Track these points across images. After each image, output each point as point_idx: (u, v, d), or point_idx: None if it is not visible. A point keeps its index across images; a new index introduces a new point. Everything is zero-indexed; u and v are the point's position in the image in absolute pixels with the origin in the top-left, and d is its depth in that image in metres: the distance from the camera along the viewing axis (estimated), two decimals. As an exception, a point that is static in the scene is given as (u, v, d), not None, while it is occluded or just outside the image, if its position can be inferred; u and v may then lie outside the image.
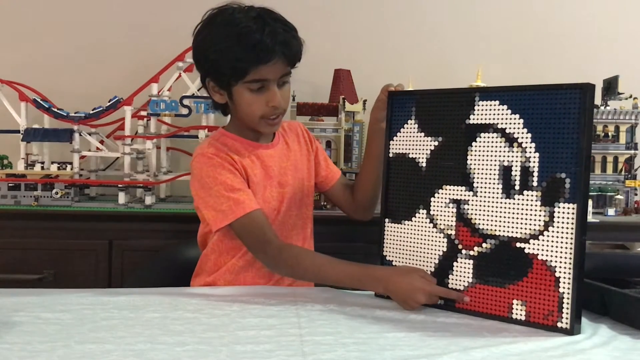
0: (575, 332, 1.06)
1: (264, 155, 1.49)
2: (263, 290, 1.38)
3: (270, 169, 1.48)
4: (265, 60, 1.34)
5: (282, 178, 1.50)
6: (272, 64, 1.36)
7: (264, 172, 1.47)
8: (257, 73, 1.36)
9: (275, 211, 1.48)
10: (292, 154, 1.55)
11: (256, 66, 1.35)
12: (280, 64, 1.37)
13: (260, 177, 1.46)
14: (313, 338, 1.02)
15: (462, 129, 1.20)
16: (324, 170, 1.62)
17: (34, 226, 1.97)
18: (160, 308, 1.18)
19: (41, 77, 2.34)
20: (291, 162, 1.54)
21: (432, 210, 1.24)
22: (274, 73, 1.38)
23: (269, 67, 1.36)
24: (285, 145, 1.55)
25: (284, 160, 1.52)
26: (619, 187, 2.19)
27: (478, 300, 1.17)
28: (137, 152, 2.14)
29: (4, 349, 0.93)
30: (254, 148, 1.48)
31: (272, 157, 1.50)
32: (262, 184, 1.46)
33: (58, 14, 2.46)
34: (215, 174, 1.39)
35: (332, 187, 1.63)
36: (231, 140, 1.47)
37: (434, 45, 2.51)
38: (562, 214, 1.07)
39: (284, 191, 1.50)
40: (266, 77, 1.37)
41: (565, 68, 2.40)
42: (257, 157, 1.48)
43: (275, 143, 1.53)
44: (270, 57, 1.34)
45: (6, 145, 2.23)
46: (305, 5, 2.41)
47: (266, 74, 1.37)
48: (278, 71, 1.38)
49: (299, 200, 1.54)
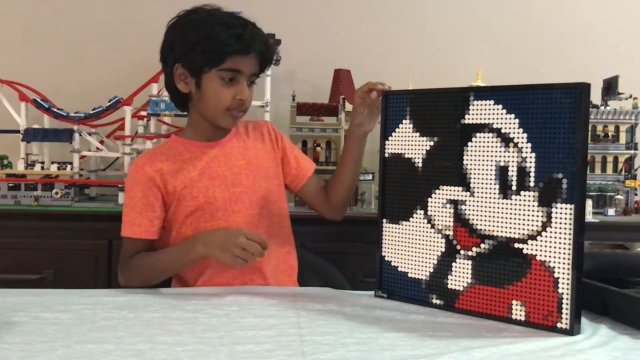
0: (575, 332, 1.06)
1: (208, 155, 1.50)
2: (263, 290, 1.38)
3: (213, 170, 1.48)
4: (244, 52, 1.41)
5: (234, 178, 1.49)
6: (248, 58, 1.43)
7: (206, 173, 1.48)
8: (233, 62, 1.42)
9: (229, 211, 1.48)
10: (250, 152, 1.54)
11: (234, 55, 1.41)
12: (255, 61, 1.45)
13: (199, 179, 1.47)
14: (313, 338, 1.02)
15: (457, 129, 1.20)
16: (294, 169, 1.61)
17: (34, 226, 1.97)
18: (160, 308, 1.18)
19: (41, 77, 2.34)
20: (246, 161, 1.52)
21: (429, 211, 1.24)
22: (248, 67, 1.44)
23: (246, 60, 1.43)
24: (242, 144, 1.54)
25: (236, 159, 1.52)
26: (619, 187, 2.19)
27: (477, 300, 1.17)
28: (137, 152, 2.14)
29: (4, 349, 0.94)
30: (198, 149, 1.50)
31: (217, 158, 1.50)
32: (202, 185, 1.47)
33: (58, 14, 2.47)
34: (131, 186, 1.47)
35: (303, 186, 1.62)
36: (175, 145, 1.51)
37: (434, 45, 2.51)
38: (560, 214, 1.07)
39: (238, 191, 1.49)
40: (240, 69, 1.43)
41: (565, 68, 2.40)
42: (200, 158, 1.49)
43: (223, 142, 1.53)
44: (249, 50, 1.42)
45: (6, 145, 2.24)
46: (305, 6, 2.41)
47: (241, 66, 1.43)
48: (252, 67, 1.45)
49: (262, 199, 1.52)
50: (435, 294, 1.23)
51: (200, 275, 1.46)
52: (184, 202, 1.45)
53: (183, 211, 1.45)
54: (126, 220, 1.46)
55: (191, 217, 1.45)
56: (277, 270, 1.52)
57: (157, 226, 1.46)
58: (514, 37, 2.50)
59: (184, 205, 1.45)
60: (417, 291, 1.25)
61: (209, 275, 1.46)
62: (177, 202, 1.45)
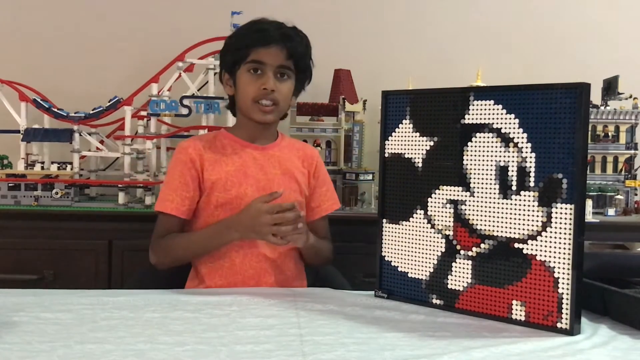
0: (575, 332, 1.06)
1: (248, 155, 1.52)
2: (263, 290, 1.39)
3: (248, 169, 1.50)
4: (263, 43, 1.47)
5: (266, 183, 1.50)
6: (270, 49, 1.47)
7: (241, 170, 1.50)
8: (256, 54, 1.48)
9: None
10: (287, 164, 1.55)
11: (256, 48, 1.48)
12: (278, 52, 1.48)
13: (234, 174, 1.49)
14: (313, 338, 1.02)
15: (457, 129, 1.20)
16: (314, 202, 1.61)
17: (34, 226, 1.97)
18: (160, 308, 1.18)
19: (41, 77, 2.34)
20: (282, 171, 1.53)
21: (429, 211, 1.24)
22: (271, 58, 1.48)
23: (267, 51, 1.48)
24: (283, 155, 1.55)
25: (272, 167, 1.53)
26: (619, 187, 2.19)
27: (477, 300, 1.17)
28: (137, 152, 2.14)
29: (4, 349, 0.94)
30: (241, 146, 1.53)
31: (256, 160, 1.52)
32: (236, 180, 1.49)
33: (58, 14, 2.46)
34: (173, 165, 1.52)
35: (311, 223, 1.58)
36: (221, 138, 1.55)
37: (434, 45, 2.51)
38: (560, 214, 1.07)
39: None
40: (263, 60, 1.48)
41: (565, 68, 2.40)
42: (240, 156, 1.52)
43: (267, 148, 1.55)
44: (268, 41, 1.47)
45: (6, 145, 2.23)
46: (305, 6, 2.42)
47: (264, 57, 1.48)
48: (276, 58, 1.48)
49: None
50: (435, 294, 1.23)
51: (216, 275, 1.47)
52: (215, 192, 1.48)
53: (213, 201, 1.48)
54: (161, 196, 1.51)
55: (220, 208, 1.48)
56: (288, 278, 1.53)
57: (188, 207, 1.49)
58: (514, 37, 2.50)
59: (215, 195, 1.48)
60: (417, 291, 1.25)
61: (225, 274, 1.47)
62: (210, 192, 1.49)
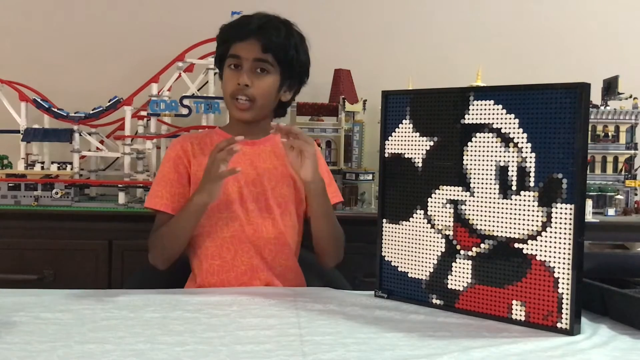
0: (575, 332, 1.06)
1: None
2: (263, 290, 1.39)
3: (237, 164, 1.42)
4: (239, 37, 1.47)
5: (256, 178, 1.49)
6: (246, 43, 1.46)
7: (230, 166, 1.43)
8: (234, 48, 1.48)
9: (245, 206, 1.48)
10: (280, 159, 1.52)
11: (235, 42, 1.47)
12: (255, 45, 1.46)
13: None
14: (313, 338, 1.02)
15: (457, 129, 1.20)
16: None
17: (34, 226, 1.97)
18: (160, 308, 1.18)
19: (41, 77, 2.34)
20: (273, 165, 1.52)
21: (429, 211, 1.24)
22: (247, 52, 1.46)
23: (244, 45, 1.46)
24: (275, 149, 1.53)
25: (263, 161, 1.52)
26: (619, 187, 2.19)
27: (477, 300, 1.17)
28: (137, 152, 2.14)
29: (4, 349, 0.93)
30: None
31: (245, 155, 1.48)
32: None
33: (58, 13, 2.47)
34: (163, 161, 1.54)
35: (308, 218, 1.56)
36: (211, 135, 1.56)
37: (434, 45, 2.51)
38: (560, 214, 1.07)
39: (256, 191, 1.49)
40: (239, 54, 1.47)
41: (566, 68, 2.40)
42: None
43: (258, 142, 1.53)
44: (244, 35, 1.46)
45: (6, 145, 2.24)
46: (305, 6, 2.42)
47: (240, 51, 1.47)
48: (252, 52, 1.46)
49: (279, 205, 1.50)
50: (435, 294, 1.23)
51: (208, 273, 1.47)
52: None
53: None
54: (150, 192, 1.52)
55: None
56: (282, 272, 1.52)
57: (178, 202, 1.48)
58: (514, 37, 2.50)
59: None
60: (417, 291, 1.25)
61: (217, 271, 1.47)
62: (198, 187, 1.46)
